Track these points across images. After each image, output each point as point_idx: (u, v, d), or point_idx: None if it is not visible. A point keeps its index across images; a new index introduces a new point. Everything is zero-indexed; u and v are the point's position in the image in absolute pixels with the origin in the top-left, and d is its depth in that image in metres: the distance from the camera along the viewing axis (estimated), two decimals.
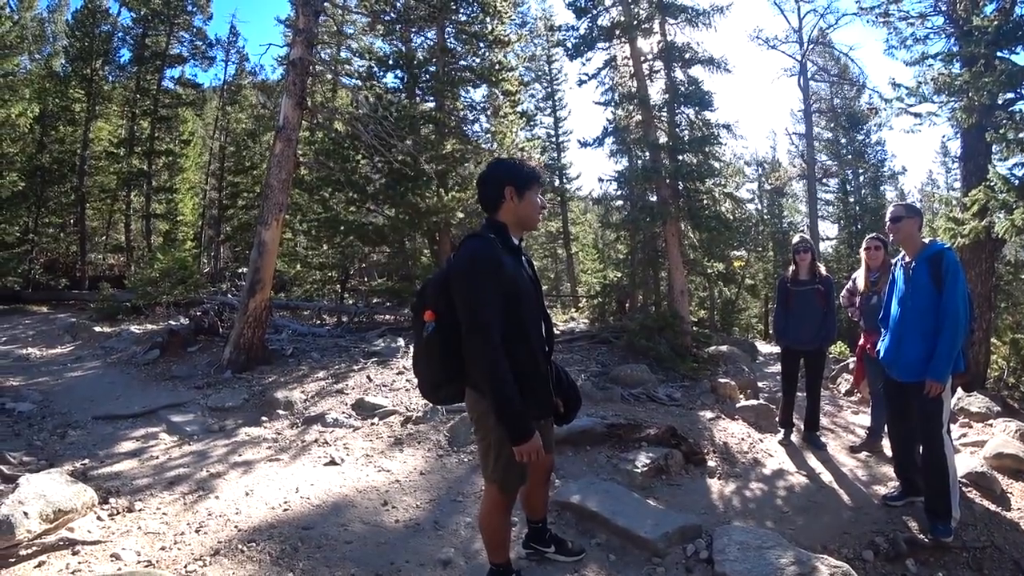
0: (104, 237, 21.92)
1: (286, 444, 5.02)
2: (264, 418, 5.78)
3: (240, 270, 16.41)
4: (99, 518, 3.46)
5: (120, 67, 21.10)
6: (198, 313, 10.14)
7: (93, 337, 10.57)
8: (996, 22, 8.29)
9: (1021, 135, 7.70)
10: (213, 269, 22.82)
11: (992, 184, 7.75)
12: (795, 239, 5.46)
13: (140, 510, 3.63)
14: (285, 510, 3.63)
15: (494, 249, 2.29)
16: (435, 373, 2.43)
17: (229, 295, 13.08)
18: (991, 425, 5.66)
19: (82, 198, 19.54)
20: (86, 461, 4.59)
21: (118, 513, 3.55)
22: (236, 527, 3.39)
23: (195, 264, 17.88)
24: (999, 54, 8.38)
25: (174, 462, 4.59)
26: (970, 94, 8.24)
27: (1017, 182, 7.68)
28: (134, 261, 20.43)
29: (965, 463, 4.28)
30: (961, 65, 8.87)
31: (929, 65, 9.60)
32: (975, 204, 7.94)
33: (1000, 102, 8.37)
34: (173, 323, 10.29)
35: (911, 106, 9.55)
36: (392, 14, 12.29)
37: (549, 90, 25.03)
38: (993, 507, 3.92)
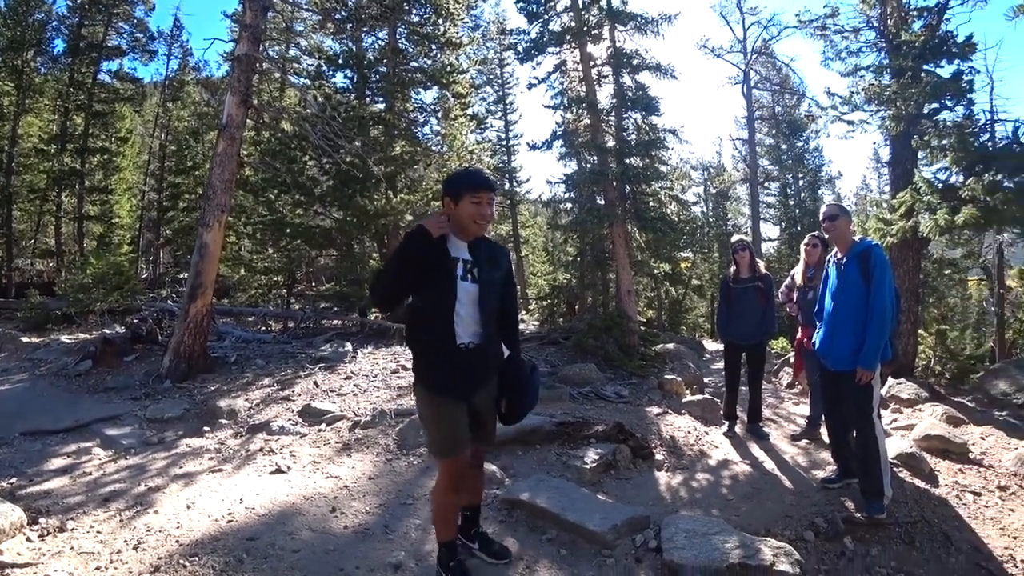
0: (32, 241, 20.74)
1: (230, 454, 4.85)
2: (206, 428, 5.56)
3: (181, 275, 15.78)
4: (28, 539, 3.27)
5: (53, 58, 19.94)
6: (135, 321, 9.66)
7: (20, 348, 9.93)
8: (923, 37, 8.80)
9: (944, 142, 8.21)
10: (152, 275, 21.91)
11: (918, 187, 8.25)
12: (733, 239, 5.66)
13: (73, 529, 3.43)
14: (229, 521, 3.51)
15: (416, 232, 2.51)
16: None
17: (169, 301, 12.52)
18: (920, 410, 6.04)
19: (8, 198, 18.41)
20: (13, 480, 4.31)
21: (49, 533, 3.36)
22: (177, 542, 3.26)
23: (132, 269, 17.07)
24: (925, 67, 8.89)
25: (109, 477, 4.36)
26: (898, 104, 8.71)
27: (940, 185, 8.20)
28: (65, 266, 19.22)
29: (896, 445, 4.54)
30: (890, 77, 9.35)
31: (861, 76, 10.08)
32: (902, 206, 8.41)
33: (925, 111, 8.89)
34: (108, 332, 9.78)
35: (845, 114, 10.02)
36: (343, 12, 12.04)
37: (500, 93, 25.13)
38: (923, 485, 4.17)
